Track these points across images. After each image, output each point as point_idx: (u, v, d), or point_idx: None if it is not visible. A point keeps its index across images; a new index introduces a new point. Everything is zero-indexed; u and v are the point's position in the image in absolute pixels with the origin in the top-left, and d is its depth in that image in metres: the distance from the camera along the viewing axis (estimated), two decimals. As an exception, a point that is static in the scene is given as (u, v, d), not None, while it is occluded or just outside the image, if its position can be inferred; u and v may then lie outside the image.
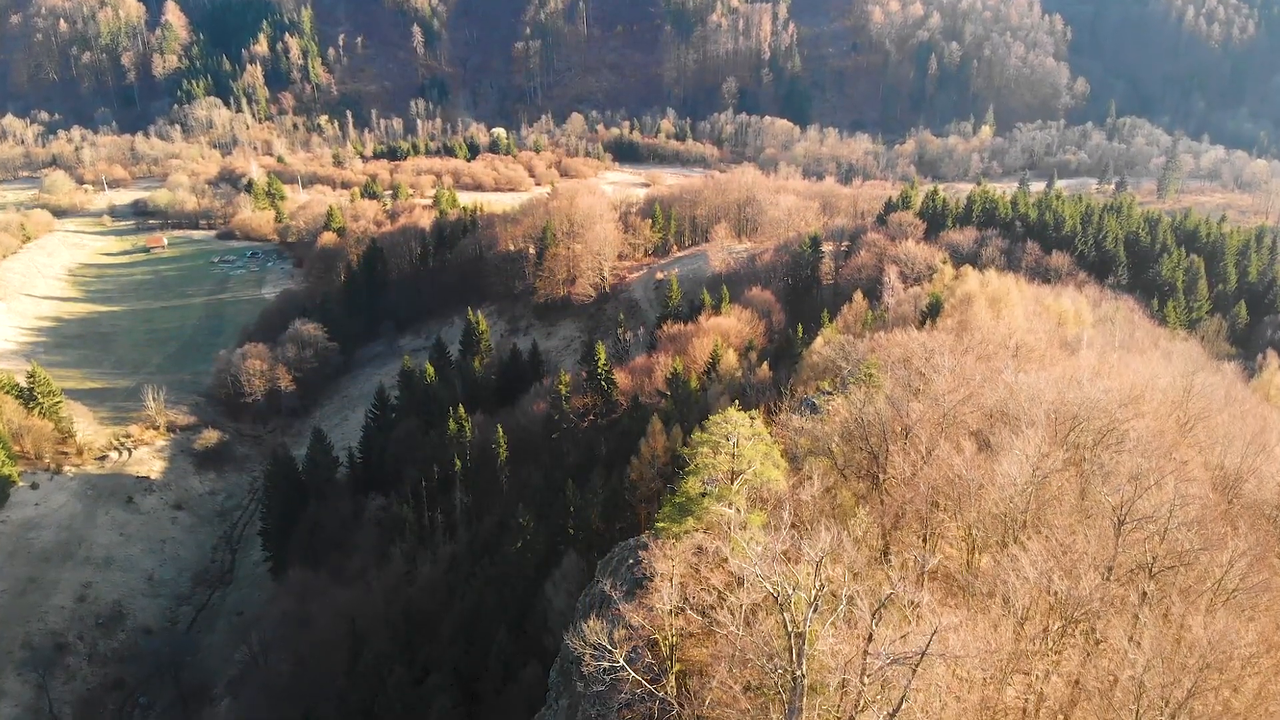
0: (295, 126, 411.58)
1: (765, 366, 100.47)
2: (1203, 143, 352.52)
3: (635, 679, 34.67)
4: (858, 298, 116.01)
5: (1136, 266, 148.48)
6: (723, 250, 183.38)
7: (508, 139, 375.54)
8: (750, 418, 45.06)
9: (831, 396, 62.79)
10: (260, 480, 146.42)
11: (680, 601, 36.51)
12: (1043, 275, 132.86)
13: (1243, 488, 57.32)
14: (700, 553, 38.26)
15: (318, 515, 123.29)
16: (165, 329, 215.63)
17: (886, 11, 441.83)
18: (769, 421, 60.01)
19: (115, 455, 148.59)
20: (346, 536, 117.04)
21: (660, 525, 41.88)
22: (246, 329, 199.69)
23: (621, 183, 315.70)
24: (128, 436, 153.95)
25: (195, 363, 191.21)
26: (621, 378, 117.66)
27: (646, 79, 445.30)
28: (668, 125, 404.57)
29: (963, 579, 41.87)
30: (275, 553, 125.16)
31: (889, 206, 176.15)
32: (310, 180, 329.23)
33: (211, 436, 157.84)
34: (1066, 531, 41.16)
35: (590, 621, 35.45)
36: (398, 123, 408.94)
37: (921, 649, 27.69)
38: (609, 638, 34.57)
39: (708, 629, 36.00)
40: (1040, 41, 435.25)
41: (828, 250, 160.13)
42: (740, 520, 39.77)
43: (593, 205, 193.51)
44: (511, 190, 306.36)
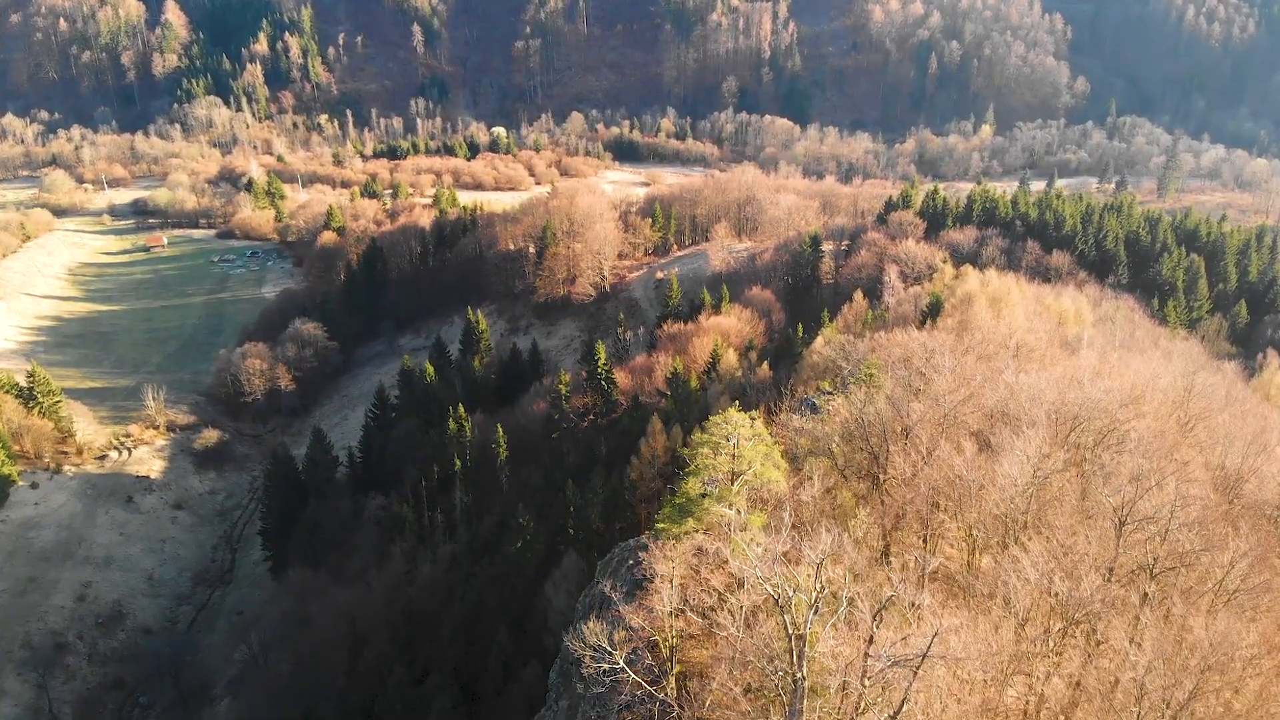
0: (295, 126, 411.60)
1: (765, 366, 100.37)
2: (1203, 142, 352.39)
3: (635, 681, 34.61)
4: (858, 297, 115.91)
5: (1137, 266, 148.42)
6: (723, 249, 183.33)
7: (508, 138, 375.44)
8: (751, 418, 44.97)
9: (832, 396, 62.68)
10: (260, 480, 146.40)
11: (680, 603, 36.43)
12: (1043, 275, 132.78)
13: (1243, 488, 57.27)
14: (700, 554, 38.18)
15: (318, 515, 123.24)
16: (165, 328, 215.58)
17: (887, 10, 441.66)
18: (769, 422, 59.92)
19: (115, 455, 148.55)
20: (346, 536, 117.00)
21: (660, 526, 41.79)
22: (246, 328, 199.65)
23: (621, 182, 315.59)
24: (127, 436, 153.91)
25: (195, 362, 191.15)
26: (621, 377, 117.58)
27: (646, 78, 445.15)
28: (668, 124, 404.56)
29: (964, 580, 41.81)
30: (275, 552, 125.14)
31: (889, 206, 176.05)
32: (310, 179, 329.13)
33: (211, 436, 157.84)
34: (1067, 532, 41.07)
35: (590, 623, 35.38)
36: (398, 122, 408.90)
37: (923, 651, 27.61)
38: (609, 639, 34.50)
39: (708, 631, 35.92)
40: (1040, 41, 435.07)
41: (828, 249, 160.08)
42: (741, 522, 39.69)
43: (593, 204, 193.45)
44: (511, 189, 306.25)
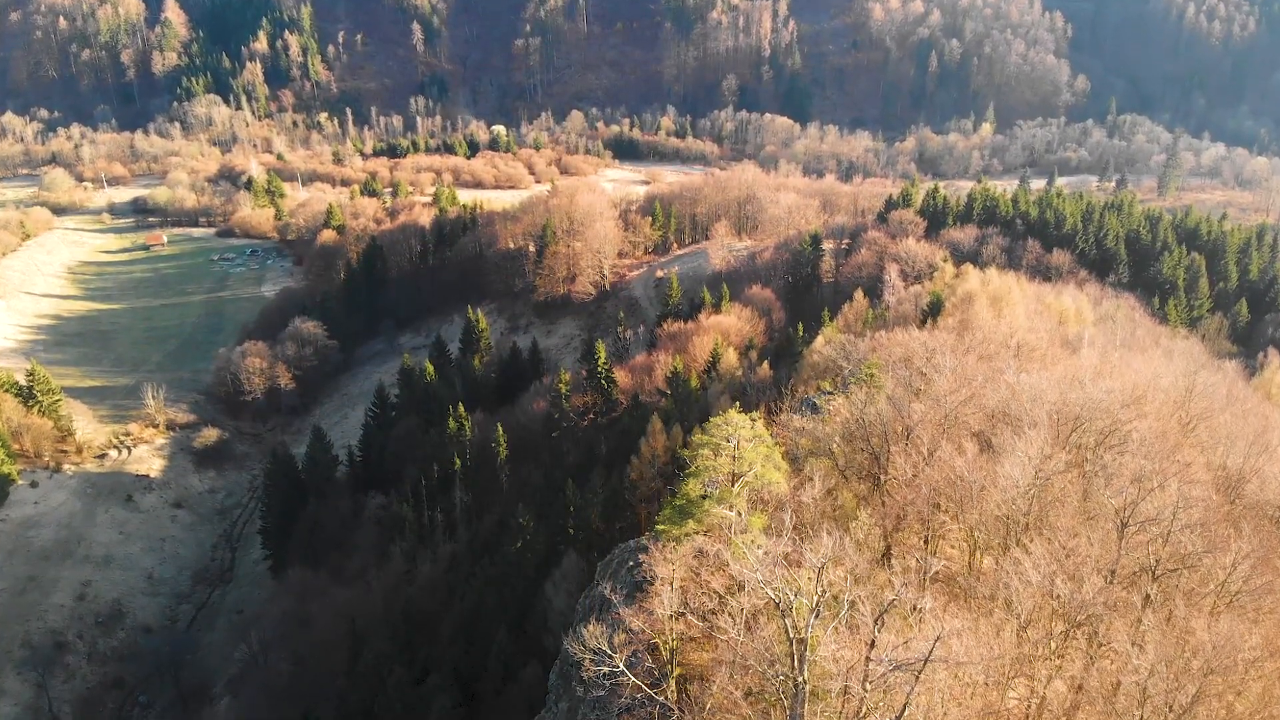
0: (295, 124, 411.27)
1: (765, 365, 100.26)
2: (1203, 140, 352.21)
3: (635, 684, 34.48)
4: (858, 296, 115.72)
5: (1137, 264, 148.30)
6: (723, 248, 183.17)
7: (508, 136, 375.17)
8: (751, 419, 44.85)
9: (832, 396, 62.55)
10: (260, 478, 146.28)
11: (681, 606, 36.30)
12: (1043, 273, 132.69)
13: (1245, 488, 57.11)
14: (701, 556, 38.04)
15: (317, 514, 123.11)
16: (165, 327, 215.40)
17: (887, 9, 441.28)
18: (770, 421, 59.80)
19: (115, 453, 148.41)
20: (346, 535, 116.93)
21: (660, 528, 41.66)
22: (246, 327, 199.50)
23: (621, 180, 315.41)
24: (127, 435, 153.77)
25: (195, 361, 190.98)
26: (621, 376, 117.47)
27: (646, 76, 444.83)
28: (668, 123, 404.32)
29: (965, 582, 41.68)
30: (275, 551, 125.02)
31: (889, 204, 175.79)
32: (310, 178, 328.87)
33: (211, 435, 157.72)
34: (1069, 534, 40.95)
35: (590, 626, 35.25)
36: (397, 120, 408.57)
37: (924, 655, 27.48)
38: (609, 642, 34.37)
39: (708, 633, 35.80)
40: (1041, 39, 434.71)
41: (828, 248, 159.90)
42: (741, 524, 39.55)
43: (593, 203, 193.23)
44: (511, 188, 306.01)
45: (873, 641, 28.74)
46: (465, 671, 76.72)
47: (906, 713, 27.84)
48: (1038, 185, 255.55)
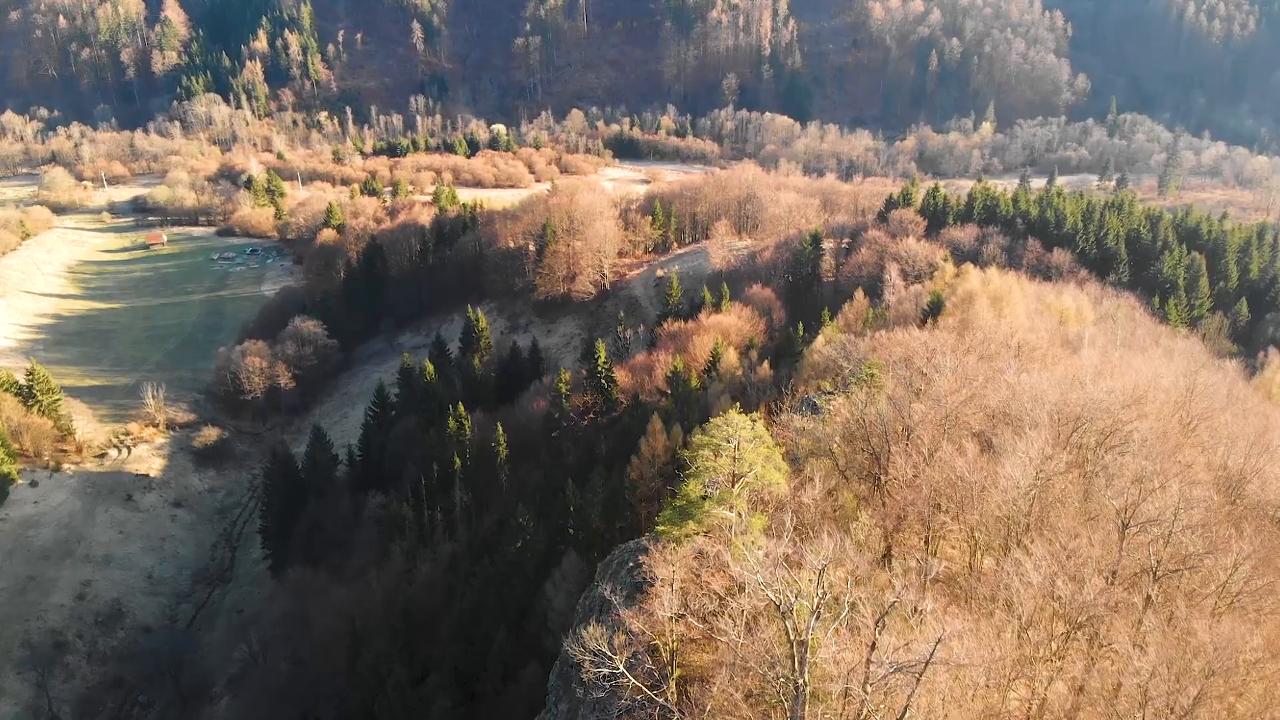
0: (295, 123, 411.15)
1: (766, 365, 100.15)
2: (1203, 139, 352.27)
3: (635, 685, 34.40)
4: (859, 296, 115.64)
5: (1138, 264, 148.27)
6: (723, 247, 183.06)
7: (508, 135, 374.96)
8: (751, 420, 44.71)
9: (833, 396, 62.41)
10: (260, 478, 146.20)
11: (681, 607, 36.21)
12: (1044, 273, 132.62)
13: (1246, 489, 57.02)
14: (701, 557, 37.95)
15: (317, 513, 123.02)
16: (165, 326, 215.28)
17: (887, 8, 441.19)
18: (770, 421, 59.69)
19: (114, 453, 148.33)
20: (346, 535, 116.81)
21: (661, 529, 41.55)
22: (246, 326, 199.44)
23: (622, 179, 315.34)
24: (127, 434, 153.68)
25: (195, 360, 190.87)
26: (622, 376, 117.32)
27: (647, 75, 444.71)
28: (668, 122, 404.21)
29: (966, 583, 41.60)
30: (275, 551, 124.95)
31: (890, 204, 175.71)
32: (310, 177, 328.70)
33: (211, 434, 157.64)
34: (1070, 535, 40.83)
35: (590, 627, 35.16)
36: (397, 119, 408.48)
37: (925, 657, 27.40)
38: (609, 644, 34.29)
39: (709, 634, 35.72)
40: (1041, 38, 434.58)
41: (828, 248, 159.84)
42: (742, 525, 39.47)
43: (593, 202, 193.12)
44: (511, 187, 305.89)
45: (874, 643, 28.68)
46: (465, 671, 76.65)
47: (907, 715, 27.77)
48: (1038, 184, 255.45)
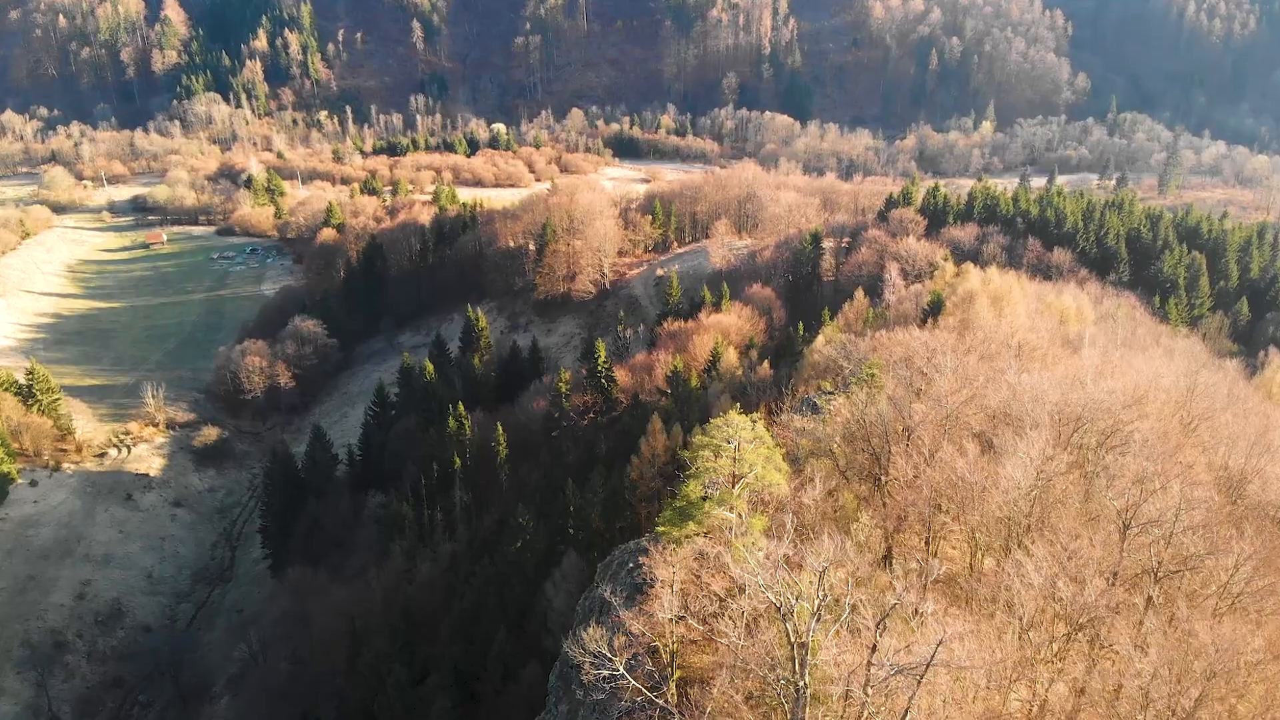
0: (295, 122, 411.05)
1: (766, 365, 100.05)
2: (1204, 138, 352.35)
3: (635, 687, 34.33)
4: (859, 295, 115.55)
5: (1138, 263, 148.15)
6: (723, 247, 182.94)
7: (508, 135, 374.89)
8: (752, 420, 44.64)
9: (833, 396, 62.32)
10: (260, 477, 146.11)
11: (681, 609, 36.14)
12: (1044, 272, 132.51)
13: (1247, 489, 56.97)
14: (701, 558, 37.87)
15: (317, 513, 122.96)
16: (164, 325, 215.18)
17: (887, 7, 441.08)
18: (770, 421, 59.63)
19: (114, 452, 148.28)
20: (346, 534, 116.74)
21: (661, 529, 41.47)
22: (246, 325, 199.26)
23: (622, 179, 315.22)
24: (127, 433, 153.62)
25: (195, 359, 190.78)
26: (622, 375, 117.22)
27: (647, 74, 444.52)
28: (668, 121, 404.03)
29: (966, 585, 41.52)
30: (275, 550, 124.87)
31: (890, 203, 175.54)
32: (310, 176, 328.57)
33: (211, 433, 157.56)
34: (1071, 536, 40.76)
35: (590, 629, 35.09)
36: (397, 118, 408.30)
37: (926, 659, 27.33)
38: (609, 645, 34.21)
39: (709, 636, 35.65)
40: (1041, 37, 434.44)
41: (828, 247, 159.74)
42: (742, 526, 39.39)
43: (593, 201, 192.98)
44: (511, 186, 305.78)
45: (874, 645, 28.61)
46: (465, 671, 76.60)
47: (908, 717, 27.70)
48: (1038, 183, 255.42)
